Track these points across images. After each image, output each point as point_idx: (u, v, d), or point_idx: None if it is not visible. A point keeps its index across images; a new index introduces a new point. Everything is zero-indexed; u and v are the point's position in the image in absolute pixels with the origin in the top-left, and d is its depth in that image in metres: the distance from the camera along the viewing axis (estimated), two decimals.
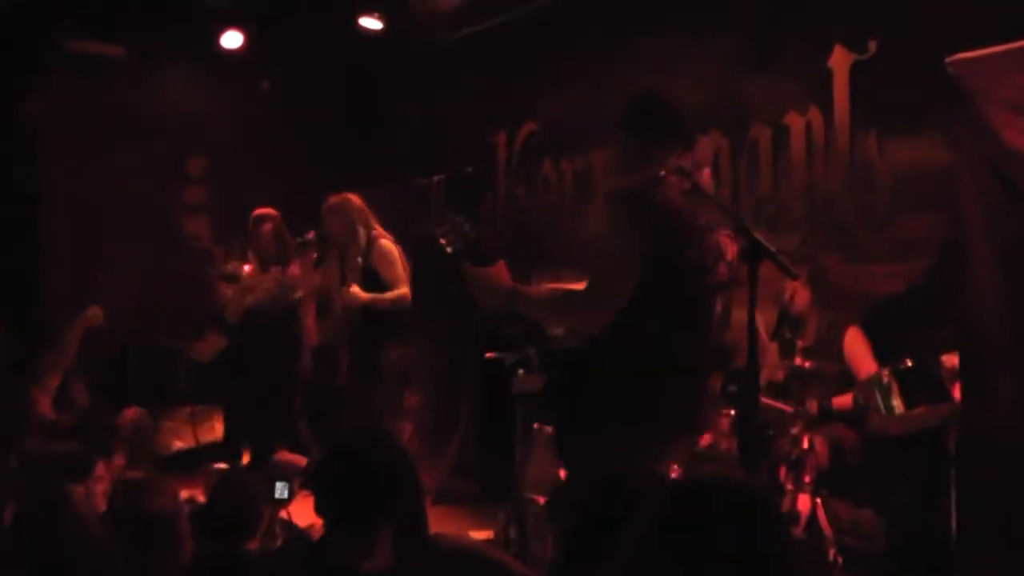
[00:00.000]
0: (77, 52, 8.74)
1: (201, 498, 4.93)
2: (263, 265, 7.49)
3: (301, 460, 6.54)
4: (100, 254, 8.74)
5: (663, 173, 3.35)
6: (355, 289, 6.82)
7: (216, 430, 8.26)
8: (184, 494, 4.09)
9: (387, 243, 6.92)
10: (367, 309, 6.83)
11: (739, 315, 4.16)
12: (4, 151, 8.50)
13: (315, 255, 7.37)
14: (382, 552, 2.72)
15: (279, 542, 4.42)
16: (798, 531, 4.60)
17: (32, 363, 5.77)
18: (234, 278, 7.60)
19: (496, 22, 7.96)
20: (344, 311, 7.03)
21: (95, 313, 6.26)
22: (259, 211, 7.55)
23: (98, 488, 4.20)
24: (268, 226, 7.48)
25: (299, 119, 9.55)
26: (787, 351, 5.16)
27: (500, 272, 3.64)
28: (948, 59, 4.00)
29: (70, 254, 8.69)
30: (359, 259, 6.89)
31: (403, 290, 6.85)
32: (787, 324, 5.27)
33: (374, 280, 6.85)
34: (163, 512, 3.43)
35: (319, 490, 2.79)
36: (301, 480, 5.54)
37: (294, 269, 7.43)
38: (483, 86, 8.22)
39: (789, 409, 4.88)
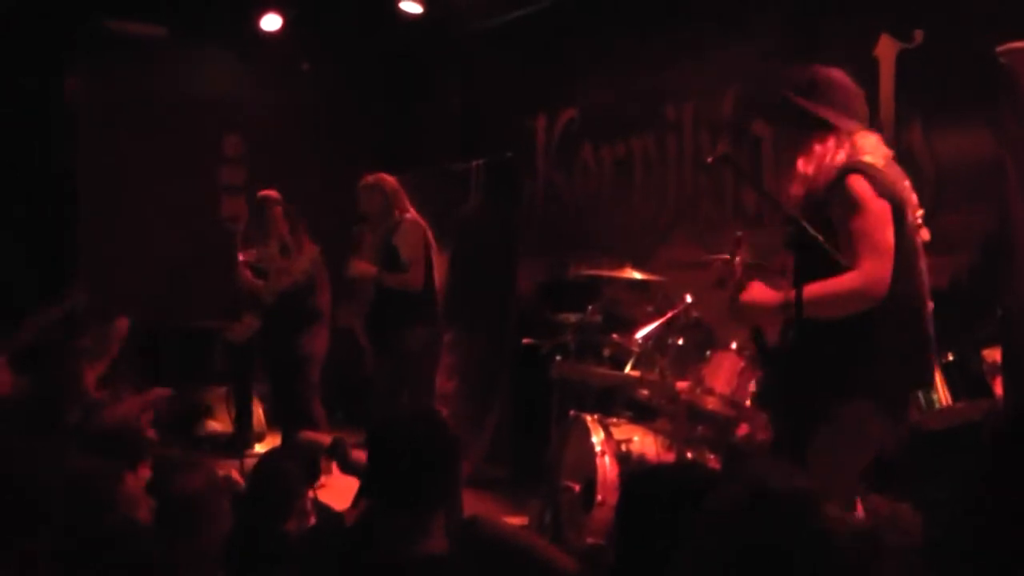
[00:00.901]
0: (117, 32, 8.78)
1: (237, 477, 4.96)
2: (281, 249, 7.52)
3: (325, 438, 6.55)
4: (137, 233, 8.78)
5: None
6: (363, 264, 6.86)
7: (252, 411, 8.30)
8: (221, 474, 4.11)
9: (415, 224, 6.91)
10: (379, 289, 6.85)
11: None
12: (43, 130, 8.56)
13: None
14: (437, 534, 2.70)
15: (311, 522, 4.42)
16: None
17: (76, 341, 5.81)
18: (262, 271, 7.62)
19: (537, 7, 7.92)
20: (351, 280, 7.10)
21: (123, 324, 6.31)
22: (264, 192, 7.59)
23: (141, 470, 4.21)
24: (279, 209, 7.51)
25: (338, 102, 9.56)
26: None
27: (759, 291, 3.69)
28: (999, 48, 3.95)
29: (108, 233, 8.74)
30: (383, 236, 6.90)
31: (413, 274, 6.82)
32: None
33: (393, 259, 6.84)
34: (200, 492, 3.44)
35: (374, 474, 2.75)
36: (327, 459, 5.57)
37: (309, 250, 7.48)
38: (523, 71, 8.18)
39: None
